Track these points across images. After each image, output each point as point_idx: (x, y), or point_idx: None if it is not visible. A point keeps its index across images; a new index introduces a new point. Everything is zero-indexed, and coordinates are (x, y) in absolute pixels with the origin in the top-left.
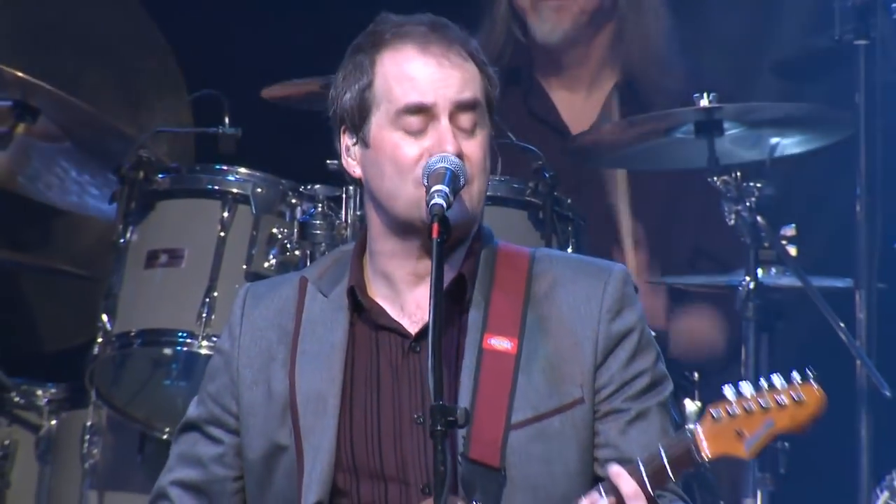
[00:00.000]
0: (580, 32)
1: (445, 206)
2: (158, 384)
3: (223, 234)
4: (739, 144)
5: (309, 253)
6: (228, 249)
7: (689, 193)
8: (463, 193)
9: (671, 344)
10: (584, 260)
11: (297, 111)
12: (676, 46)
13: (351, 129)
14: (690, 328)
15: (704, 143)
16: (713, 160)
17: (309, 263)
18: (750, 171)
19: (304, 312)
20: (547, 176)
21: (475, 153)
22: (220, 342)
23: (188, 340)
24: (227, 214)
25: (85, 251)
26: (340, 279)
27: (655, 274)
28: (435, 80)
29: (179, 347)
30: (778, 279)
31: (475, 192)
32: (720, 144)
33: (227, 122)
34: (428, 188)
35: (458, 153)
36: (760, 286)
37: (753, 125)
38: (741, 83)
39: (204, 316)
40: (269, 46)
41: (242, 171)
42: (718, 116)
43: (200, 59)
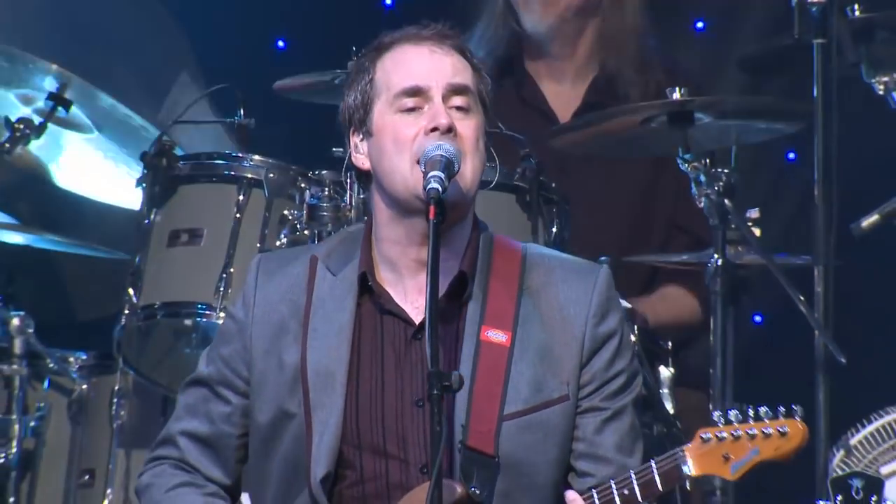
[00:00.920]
0: (566, 26)
1: (441, 189)
2: (180, 352)
3: (239, 215)
4: (708, 133)
5: (317, 233)
6: (243, 229)
7: (667, 172)
8: (457, 175)
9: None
10: (570, 260)
11: (305, 103)
12: (654, 43)
13: (357, 125)
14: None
15: (678, 132)
16: (685, 148)
17: (317, 242)
18: (718, 157)
19: (314, 290)
20: (533, 162)
21: (468, 132)
22: (234, 309)
23: (207, 312)
24: (242, 197)
25: (113, 233)
26: (347, 259)
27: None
28: (429, 65)
29: (199, 318)
30: (743, 256)
31: (468, 171)
32: (691, 133)
33: (241, 113)
34: (425, 174)
35: (450, 126)
36: (728, 263)
37: (721, 115)
38: (710, 78)
39: (221, 290)
40: (281, 43)
41: (256, 158)
42: (690, 108)
43: (218, 55)
